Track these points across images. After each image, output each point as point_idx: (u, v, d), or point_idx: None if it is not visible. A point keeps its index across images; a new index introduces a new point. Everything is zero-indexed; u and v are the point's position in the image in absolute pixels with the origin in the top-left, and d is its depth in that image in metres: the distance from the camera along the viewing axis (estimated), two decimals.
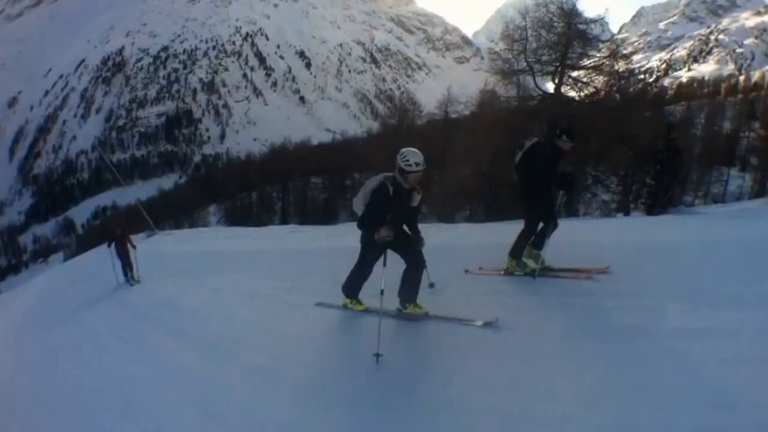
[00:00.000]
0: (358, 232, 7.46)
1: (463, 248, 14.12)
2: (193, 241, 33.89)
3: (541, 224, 9.04)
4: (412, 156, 7.06)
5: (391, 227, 6.99)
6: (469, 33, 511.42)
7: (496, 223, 22.53)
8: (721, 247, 9.94)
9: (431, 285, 8.37)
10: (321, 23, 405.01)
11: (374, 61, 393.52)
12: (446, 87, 56.10)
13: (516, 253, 9.25)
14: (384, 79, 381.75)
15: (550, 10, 31.62)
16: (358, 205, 7.53)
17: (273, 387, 6.66)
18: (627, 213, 31.33)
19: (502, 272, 9.46)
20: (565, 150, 8.81)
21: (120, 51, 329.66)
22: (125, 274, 19.40)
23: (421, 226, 7.84)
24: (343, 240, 20.47)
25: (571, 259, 9.27)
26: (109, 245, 20.10)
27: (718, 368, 4.92)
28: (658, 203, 31.30)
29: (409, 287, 7.66)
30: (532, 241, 9.11)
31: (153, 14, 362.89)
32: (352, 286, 8.28)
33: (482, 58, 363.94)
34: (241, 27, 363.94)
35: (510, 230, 9.67)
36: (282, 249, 22.67)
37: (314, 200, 75.69)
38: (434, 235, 15.48)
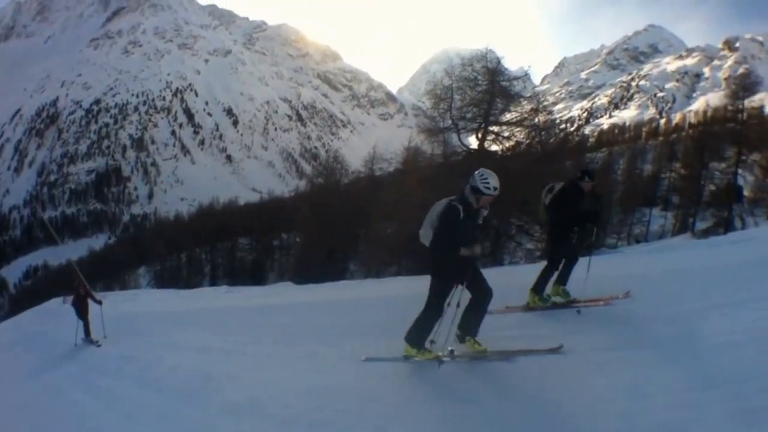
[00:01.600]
0: (294, 292, 7.40)
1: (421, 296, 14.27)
2: (131, 302, 33.03)
3: (563, 261, 9.85)
4: (492, 179, 7.07)
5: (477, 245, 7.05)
6: (393, 89, 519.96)
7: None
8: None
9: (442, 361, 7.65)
10: (249, 80, 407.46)
11: (300, 118, 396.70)
12: (371, 144, 56.47)
13: (538, 288, 9.87)
14: (309, 137, 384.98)
15: (476, 68, 32.39)
16: (426, 233, 7.37)
17: (248, 426, 7.06)
18: None
19: (525, 308, 10.00)
20: (586, 190, 9.85)
21: (54, 102, 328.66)
22: (86, 334, 18.30)
23: (355, 283, 7.89)
24: (278, 298, 21.38)
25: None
26: (72, 303, 18.96)
27: None
28: (581, 247, 31.77)
29: (475, 319, 7.46)
30: (558, 278, 9.86)
31: (88, 65, 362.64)
32: (422, 333, 7.54)
33: (406, 114, 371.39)
34: (171, 82, 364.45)
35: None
36: (224, 307, 22.75)
37: (243, 261, 74.76)
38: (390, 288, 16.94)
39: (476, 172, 7.22)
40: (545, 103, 34.38)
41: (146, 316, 24.09)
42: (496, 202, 8.07)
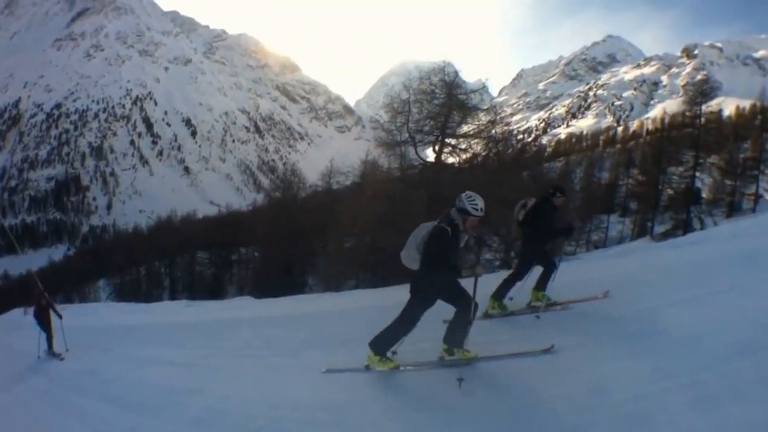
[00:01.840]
0: (253, 306, 7.41)
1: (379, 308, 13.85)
2: (92, 315, 32.54)
3: (542, 269, 10.43)
4: (479, 201, 7.31)
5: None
6: (351, 102, 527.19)
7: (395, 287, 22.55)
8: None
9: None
10: (209, 90, 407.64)
11: (258, 130, 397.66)
12: (328, 157, 56.86)
13: (498, 295, 10.38)
14: (267, 150, 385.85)
15: (433, 82, 32.36)
16: (411, 255, 7.37)
17: None
18: (509, 267, 31.62)
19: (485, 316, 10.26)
20: (558, 204, 10.45)
21: (17, 103, 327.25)
22: (49, 347, 17.79)
23: (314, 296, 8.00)
24: (237, 312, 21.10)
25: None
26: (34, 314, 18.39)
27: None
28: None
29: (460, 331, 7.54)
30: (537, 284, 10.41)
31: (50, 66, 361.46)
32: (389, 342, 7.84)
33: (363, 127, 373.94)
34: (131, 89, 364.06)
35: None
36: (185, 321, 22.51)
37: (202, 275, 74.00)
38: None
39: (463, 194, 7.40)
40: (502, 115, 34.76)
41: (108, 330, 23.84)
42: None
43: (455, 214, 7.29)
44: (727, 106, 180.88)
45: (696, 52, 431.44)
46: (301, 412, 7.26)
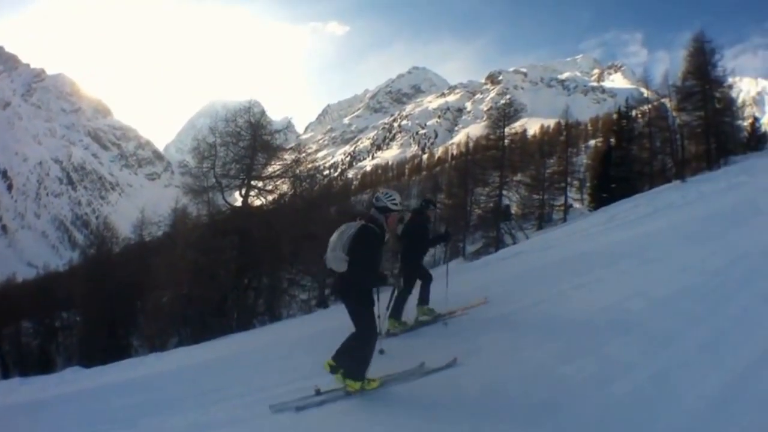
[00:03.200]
0: (82, 378, 6.95)
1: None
2: None
3: (421, 282, 10.77)
4: (396, 195, 7.37)
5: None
6: (161, 145, 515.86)
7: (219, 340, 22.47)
8: None
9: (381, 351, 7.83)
10: (24, 137, 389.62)
11: (71, 182, 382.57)
12: (139, 207, 55.11)
13: (397, 313, 10.33)
14: (80, 203, 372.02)
15: (239, 124, 32.53)
16: (338, 257, 6.92)
17: None
18: (325, 306, 31.66)
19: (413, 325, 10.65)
20: (430, 215, 11.45)
21: None
22: None
23: (139, 360, 7.62)
24: (67, 387, 18.75)
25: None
26: None
27: None
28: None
29: (359, 360, 7.11)
30: (419, 300, 10.78)
31: None
32: (365, 362, 7.10)
33: (173, 173, 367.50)
34: None
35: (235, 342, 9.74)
36: (16, 404, 20.78)
37: (29, 347, 69.35)
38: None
39: (378, 194, 7.44)
40: (308, 152, 35.07)
41: None
42: (268, 257, 7.60)
43: (377, 213, 7.20)
44: (532, 126, 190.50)
45: (500, 78, 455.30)
46: None
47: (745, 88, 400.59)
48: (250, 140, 31.76)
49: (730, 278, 9.17)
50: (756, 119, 55.94)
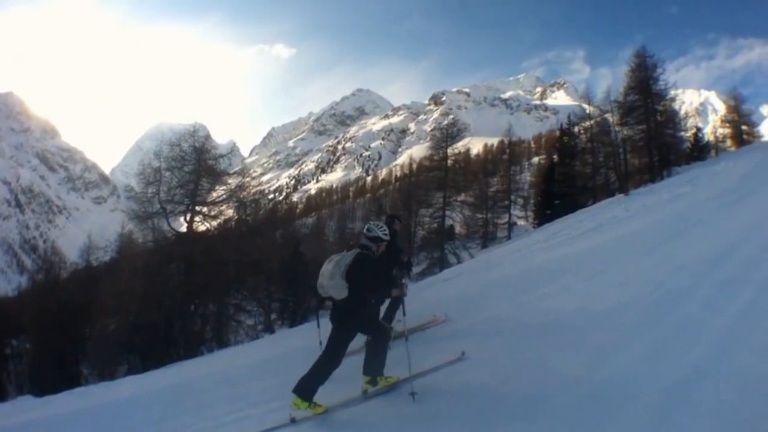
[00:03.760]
0: (33, 407, 7.18)
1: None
2: None
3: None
4: (384, 225, 7.78)
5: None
6: (107, 168, 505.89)
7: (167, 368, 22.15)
8: None
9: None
10: None
11: (18, 204, 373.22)
12: (87, 231, 54.41)
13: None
14: (28, 226, 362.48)
15: (183, 148, 32.42)
16: (338, 284, 7.14)
17: None
18: (272, 332, 32.05)
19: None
20: (397, 230, 10.97)
21: None
22: None
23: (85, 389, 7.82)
24: (19, 417, 18.86)
25: None
26: None
27: None
28: (297, 315, 33.76)
29: (380, 359, 7.59)
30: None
31: None
32: (318, 382, 7.26)
33: (119, 197, 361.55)
34: None
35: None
36: None
37: None
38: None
39: (370, 224, 7.79)
40: (253, 176, 35.08)
41: None
42: (214, 283, 7.77)
43: (369, 243, 7.52)
44: (475, 145, 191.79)
45: (444, 98, 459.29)
46: None
47: (688, 99, 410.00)
48: (194, 165, 31.68)
49: (671, 288, 9.31)
50: (698, 129, 57.09)
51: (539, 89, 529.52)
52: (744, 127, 56.74)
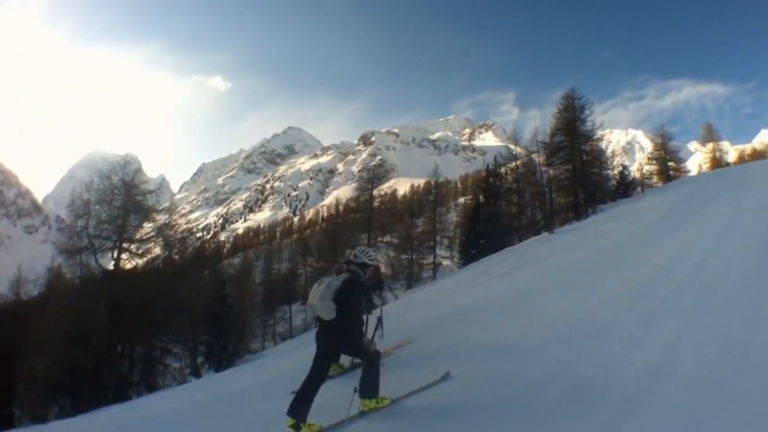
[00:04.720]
0: None
1: None
2: None
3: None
4: (371, 251, 8.20)
5: None
6: (40, 195, 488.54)
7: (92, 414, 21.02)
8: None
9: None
10: None
11: None
12: (17, 262, 53.36)
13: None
14: None
15: (113, 182, 32.25)
16: (327, 305, 7.31)
17: None
18: (198, 376, 31.56)
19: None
20: None
21: None
22: None
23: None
24: None
25: None
26: None
27: None
28: (223, 358, 33.58)
29: (374, 381, 7.57)
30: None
31: None
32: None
33: (50, 227, 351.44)
34: None
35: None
36: None
37: None
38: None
39: (357, 251, 8.15)
40: (182, 213, 35.10)
41: None
42: (141, 324, 8.37)
43: (356, 268, 7.82)
44: (402, 186, 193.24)
45: (373, 138, 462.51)
46: None
47: (615, 138, 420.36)
48: (123, 200, 31.35)
49: (594, 324, 9.44)
50: (624, 167, 58.00)
51: (468, 130, 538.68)
52: (671, 164, 57.56)
